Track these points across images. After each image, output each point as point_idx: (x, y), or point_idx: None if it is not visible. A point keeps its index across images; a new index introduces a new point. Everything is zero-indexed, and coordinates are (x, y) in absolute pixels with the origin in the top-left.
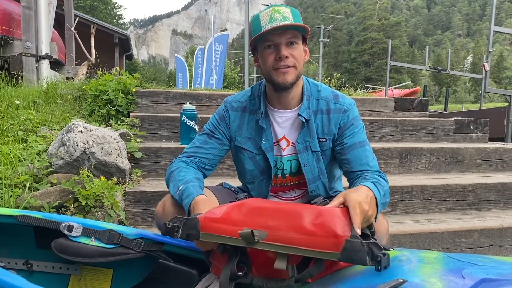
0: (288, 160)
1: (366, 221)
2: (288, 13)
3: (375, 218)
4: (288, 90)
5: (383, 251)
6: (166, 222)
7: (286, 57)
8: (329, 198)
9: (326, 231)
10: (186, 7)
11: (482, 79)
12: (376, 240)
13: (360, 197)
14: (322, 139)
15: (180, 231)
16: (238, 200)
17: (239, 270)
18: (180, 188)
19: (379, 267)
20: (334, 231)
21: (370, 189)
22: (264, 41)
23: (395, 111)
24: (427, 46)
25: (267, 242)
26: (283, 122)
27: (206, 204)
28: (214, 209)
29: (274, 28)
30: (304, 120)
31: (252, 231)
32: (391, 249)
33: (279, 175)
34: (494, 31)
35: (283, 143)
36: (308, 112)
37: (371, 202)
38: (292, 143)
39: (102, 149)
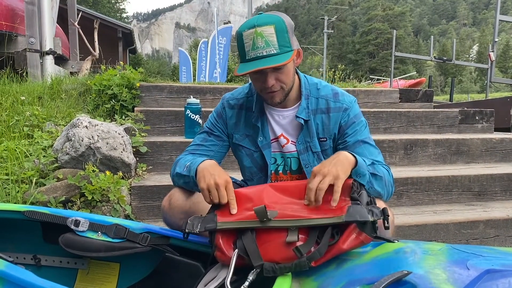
0: (288, 157)
1: (332, 179)
2: (272, 35)
3: (359, 177)
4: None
5: (382, 208)
6: (185, 221)
7: (272, 85)
8: None
9: (329, 201)
10: (189, 0)
11: (488, 68)
12: (375, 206)
13: (320, 165)
14: (322, 139)
15: (199, 226)
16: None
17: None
18: (187, 164)
19: (385, 222)
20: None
21: (344, 153)
22: None
23: (399, 102)
24: (432, 36)
25: (279, 219)
26: (281, 120)
27: (217, 169)
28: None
29: (254, 71)
30: (303, 121)
31: (264, 206)
32: (396, 241)
33: (280, 171)
34: (500, 20)
35: (282, 140)
36: (307, 112)
37: (336, 162)
38: (292, 141)
39: (107, 144)
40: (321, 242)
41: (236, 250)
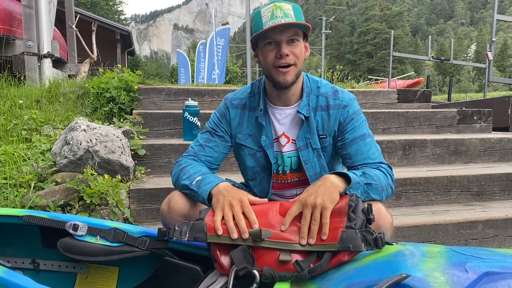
0: (288, 157)
1: (320, 210)
2: (290, 10)
3: (361, 197)
4: (288, 88)
5: (375, 235)
6: (171, 226)
7: (287, 55)
8: None
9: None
10: (187, 1)
11: (485, 68)
12: (371, 221)
13: (303, 195)
14: (322, 136)
15: (187, 234)
16: None
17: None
18: (198, 178)
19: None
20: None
21: (330, 178)
22: (265, 38)
23: (398, 102)
24: (430, 36)
25: (272, 240)
26: (283, 119)
27: (232, 190)
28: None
29: (275, 26)
30: (303, 117)
31: (260, 229)
32: (394, 243)
33: (280, 172)
34: (497, 19)
35: (283, 140)
36: (307, 109)
37: (322, 191)
38: (292, 139)
39: (105, 147)
40: (322, 258)
41: (234, 267)
